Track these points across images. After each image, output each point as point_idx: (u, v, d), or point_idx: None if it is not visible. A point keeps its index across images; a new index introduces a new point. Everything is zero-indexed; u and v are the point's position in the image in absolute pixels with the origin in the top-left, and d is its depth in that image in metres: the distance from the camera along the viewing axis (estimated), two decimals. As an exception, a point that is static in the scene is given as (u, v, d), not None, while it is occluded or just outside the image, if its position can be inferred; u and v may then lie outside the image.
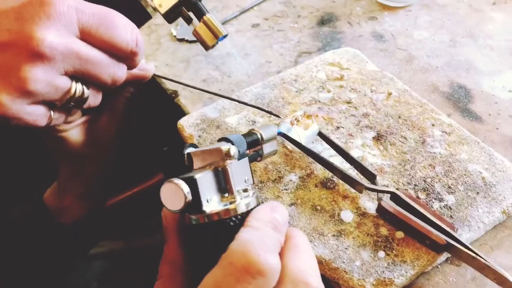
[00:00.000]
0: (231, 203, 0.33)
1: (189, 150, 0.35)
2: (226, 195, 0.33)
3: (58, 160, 0.58)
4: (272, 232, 0.32)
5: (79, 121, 0.54)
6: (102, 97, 0.46)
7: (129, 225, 1.04)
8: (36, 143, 0.65)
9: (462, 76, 0.65)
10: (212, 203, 0.32)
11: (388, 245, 0.46)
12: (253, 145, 0.42)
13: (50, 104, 0.40)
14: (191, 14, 0.49)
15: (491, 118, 0.59)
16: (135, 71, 0.50)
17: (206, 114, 0.59)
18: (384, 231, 0.47)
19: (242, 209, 0.33)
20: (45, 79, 0.37)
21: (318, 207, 0.49)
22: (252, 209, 0.33)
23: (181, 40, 0.75)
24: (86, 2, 0.39)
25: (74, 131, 0.54)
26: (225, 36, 0.49)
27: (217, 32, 0.48)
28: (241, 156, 0.36)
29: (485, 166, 0.52)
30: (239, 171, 0.35)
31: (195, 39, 0.73)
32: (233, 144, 0.36)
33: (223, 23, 0.77)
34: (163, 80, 0.67)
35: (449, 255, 0.46)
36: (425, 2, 0.78)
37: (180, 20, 0.72)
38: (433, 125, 0.56)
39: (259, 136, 0.42)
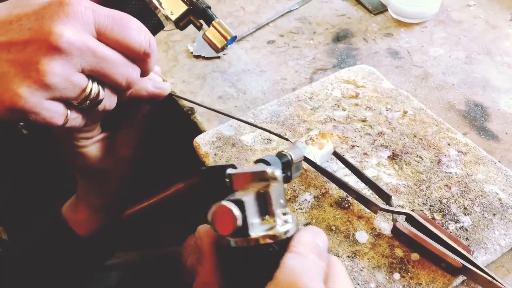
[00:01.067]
0: (272, 226, 0.32)
1: (231, 171, 0.35)
2: (267, 217, 0.33)
3: (77, 174, 0.59)
4: (317, 259, 0.31)
5: (98, 137, 0.55)
6: (115, 110, 0.47)
7: (145, 235, 1.06)
8: (55, 157, 0.67)
9: (479, 94, 0.65)
10: (254, 227, 0.32)
11: (404, 267, 0.46)
12: (285, 167, 0.42)
13: (67, 103, 0.41)
14: (201, 21, 0.50)
15: (508, 137, 0.59)
16: (152, 89, 0.52)
17: (222, 132, 0.60)
18: (399, 252, 0.47)
19: (284, 233, 0.32)
20: (63, 73, 0.38)
21: (333, 227, 0.49)
22: (294, 234, 0.33)
23: (197, 56, 0.76)
24: (101, 6, 0.40)
25: (93, 147, 0.55)
26: (234, 38, 0.50)
27: (226, 34, 0.49)
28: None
29: (501, 187, 0.51)
30: (276, 194, 0.35)
31: (211, 55, 0.75)
32: (271, 165, 0.36)
33: (239, 40, 0.78)
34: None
35: (465, 277, 0.45)
36: (441, 18, 0.78)
37: (197, 37, 0.73)
38: (449, 144, 0.56)
39: (290, 158, 0.43)
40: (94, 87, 0.41)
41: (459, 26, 0.76)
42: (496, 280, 0.42)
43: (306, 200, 0.52)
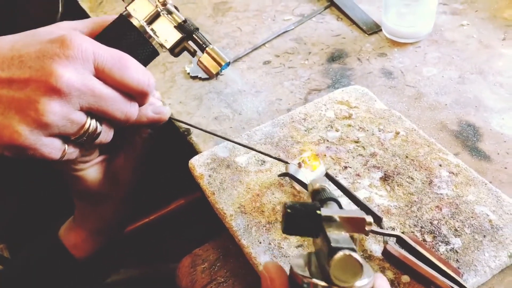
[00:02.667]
0: None
1: (327, 212, 0.35)
2: None
3: (74, 197, 0.60)
4: None
5: (96, 160, 0.56)
6: (114, 134, 0.48)
7: (146, 251, 1.06)
8: (52, 180, 0.68)
9: (471, 114, 0.65)
10: None
11: (394, 290, 0.46)
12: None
13: (65, 138, 0.42)
14: (195, 47, 0.51)
15: (499, 157, 0.59)
16: (152, 115, 0.53)
17: (217, 153, 0.61)
18: (390, 274, 0.47)
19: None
20: (61, 112, 0.39)
21: (325, 249, 0.50)
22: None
23: (194, 77, 0.77)
24: (101, 44, 0.42)
25: (91, 170, 0.56)
26: (228, 64, 0.51)
27: (220, 60, 0.50)
28: None
29: (492, 209, 0.52)
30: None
31: (208, 76, 0.77)
32: (336, 201, 0.38)
33: (235, 60, 0.80)
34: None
35: (455, 300, 0.46)
36: (434, 38, 0.79)
37: (193, 58, 0.74)
38: (440, 165, 0.57)
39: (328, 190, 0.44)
40: (92, 123, 0.43)
41: (452, 46, 0.77)
42: (485, 303, 0.43)
43: (298, 222, 0.53)
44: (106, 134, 0.46)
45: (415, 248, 0.47)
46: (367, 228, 0.35)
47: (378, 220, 0.50)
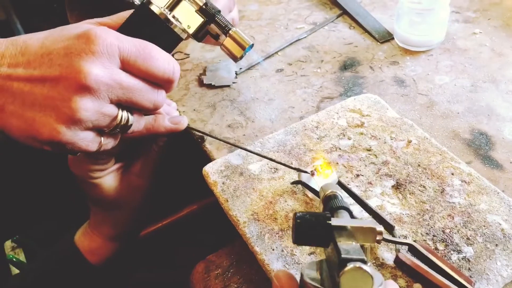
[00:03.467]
0: None
1: (337, 222, 0.36)
2: None
3: (91, 203, 0.61)
4: None
5: (113, 168, 0.57)
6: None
7: (160, 257, 1.07)
8: (69, 186, 0.69)
9: (483, 123, 0.66)
10: None
11: (406, 298, 0.46)
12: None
13: (99, 131, 0.44)
14: (217, 30, 0.51)
15: (512, 166, 0.60)
16: (170, 125, 0.54)
17: (230, 160, 0.62)
18: (402, 282, 0.48)
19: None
20: (93, 108, 0.41)
21: (337, 257, 0.50)
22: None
23: (208, 85, 0.78)
24: (125, 36, 0.43)
25: (108, 177, 0.57)
26: (251, 46, 0.51)
27: (244, 43, 0.51)
28: None
29: (504, 217, 0.52)
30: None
31: (222, 84, 0.78)
32: (347, 210, 0.39)
33: (248, 68, 0.81)
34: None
35: (467, 309, 0.46)
36: (447, 46, 0.79)
37: (208, 66, 0.75)
38: (452, 174, 0.57)
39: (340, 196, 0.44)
40: (123, 114, 0.44)
41: (464, 54, 0.77)
42: (497, 312, 0.43)
43: (311, 229, 0.53)
44: (138, 123, 0.48)
45: (427, 256, 0.48)
46: (378, 238, 0.36)
47: (390, 229, 0.51)
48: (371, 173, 0.58)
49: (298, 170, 0.56)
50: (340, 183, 0.55)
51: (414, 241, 0.50)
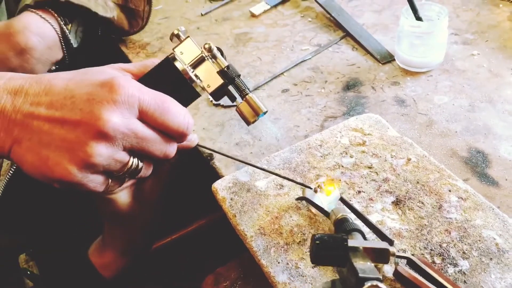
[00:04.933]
0: None
1: (353, 243, 0.39)
2: None
3: (104, 219, 0.64)
4: None
5: (127, 184, 0.60)
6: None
7: (169, 270, 1.10)
8: (82, 200, 0.72)
9: (480, 141, 0.68)
10: None
11: (404, 309, 0.49)
12: None
13: (108, 174, 0.46)
14: (235, 93, 0.54)
15: (508, 183, 0.62)
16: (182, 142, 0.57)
17: (238, 177, 0.65)
18: (400, 294, 0.50)
19: None
20: (107, 154, 0.43)
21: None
22: None
23: (217, 105, 0.82)
24: (147, 88, 0.45)
25: (122, 193, 0.60)
26: (265, 113, 0.53)
27: (258, 109, 0.53)
28: None
29: (499, 232, 0.55)
30: None
31: (230, 104, 0.81)
32: (360, 232, 0.42)
33: (255, 88, 0.84)
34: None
35: (462, 319, 0.48)
36: (446, 67, 0.82)
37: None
38: (449, 190, 0.60)
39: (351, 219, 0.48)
40: (134, 161, 0.47)
41: (463, 75, 0.80)
42: (491, 322, 0.45)
43: (314, 243, 0.56)
44: (146, 170, 0.50)
45: (425, 269, 0.50)
46: (391, 259, 0.38)
47: (389, 243, 0.54)
48: (372, 190, 0.61)
49: (303, 185, 0.59)
50: (342, 199, 0.58)
51: (412, 254, 0.53)
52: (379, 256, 0.38)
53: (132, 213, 0.61)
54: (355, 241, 0.39)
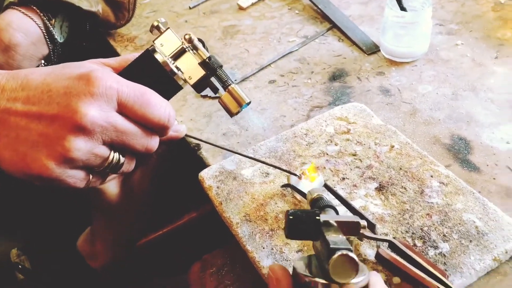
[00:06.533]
0: None
1: (325, 218, 0.40)
2: None
3: (94, 209, 0.65)
4: None
5: (115, 175, 0.61)
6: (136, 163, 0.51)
7: (159, 264, 1.10)
8: (71, 192, 0.73)
9: (463, 129, 0.70)
10: None
11: (385, 290, 0.50)
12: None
13: (89, 169, 0.45)
14: (217, 84, 0.53)
15: (488, 169, 0.63)
16: (170, 133, 0.57)
17: (224, 166, 0.66)
18: (382, 276, 0.51)
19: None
20: (86, 148, 0.42)
21: (323, 254, 0.54)
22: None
23: (204, 96, 0.82)
24: (125, 80, 0.44)
25: (110, 184, 0.60)
26: (248, 104, 0.53)
27: (241, 100, 0.52)
28: None
29: (478, 216, 0.56)
30: None
31: (217, 95, 0.82)
32: (333, 208, 0.43)
33: (242, 80, 0.85)
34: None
35: (442, 299, 0.50)
36: (430, 57, 0.83)
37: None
38: (431, 176, 0.61)
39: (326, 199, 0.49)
40: (115, 156, 0.46)
41: (447, 64, 0.82)
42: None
43: (299, 228, 0.57)
44: (128, 165, 0.49)
45: (406, 252, 0.51)
46: (361, 231, 0.40)
47: (372, 227, 0.55)
48: (356, 176, 0.62)
49: (288, 172, 0.60)
50: (326, 186, 0.59)
51: (394, 238, 0.54)
52: (351, 229, 0.40)
53: (120, 204, 0.61)
54: (327, 216, 0.40)
